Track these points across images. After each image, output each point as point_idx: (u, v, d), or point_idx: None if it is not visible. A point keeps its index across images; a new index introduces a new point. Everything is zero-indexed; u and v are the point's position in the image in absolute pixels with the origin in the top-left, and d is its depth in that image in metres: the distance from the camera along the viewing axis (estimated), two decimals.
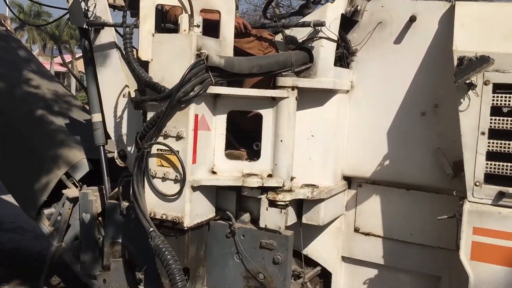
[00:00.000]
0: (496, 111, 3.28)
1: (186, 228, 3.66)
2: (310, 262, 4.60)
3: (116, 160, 4.49)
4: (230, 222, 3.95)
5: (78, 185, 5.42)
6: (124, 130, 4.45)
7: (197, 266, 3.89)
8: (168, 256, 3.38)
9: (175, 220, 3.65)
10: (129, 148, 4.38)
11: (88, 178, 5.41)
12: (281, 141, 3.77)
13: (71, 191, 5.32)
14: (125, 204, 4.28)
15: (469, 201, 3.37)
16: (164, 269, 3.41)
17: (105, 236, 4.54)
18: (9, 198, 6.85)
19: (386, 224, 4.31)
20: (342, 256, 4.56)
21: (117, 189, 4.44)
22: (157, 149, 3.72)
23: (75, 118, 5.89)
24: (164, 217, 3.70)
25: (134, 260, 4.27)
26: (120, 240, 4.36)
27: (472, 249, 3.33)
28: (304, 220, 4.13)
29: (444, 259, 4.07)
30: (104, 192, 4.73)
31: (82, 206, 5.04)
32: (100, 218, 4.93)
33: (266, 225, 3.85)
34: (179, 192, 3.64)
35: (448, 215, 3.59)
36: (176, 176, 3.64)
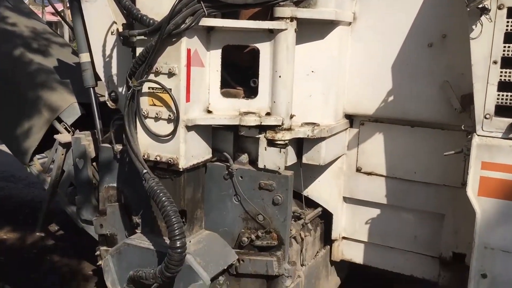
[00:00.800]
0: (510, 37, 3.04)
1: (181, 170, 3.51)
2: (311, 203, 4.50)
3: (107, 102, 4.29)
4: (228, 164, 3.80)
5: (70, 130, 5.25)
6: (114, 70, 4.21)
7: (195, 208, 3.77)
8: (163, 198, 3.24)
9: (170, 162, 3.50)
10: (120, 89, 4.16)
11: (80, 123, 5.25)
12: (280, 76, 3.55)
13: (63, 136, 5.16)
14: (118, 147, 4.12)
15: (478, 135, 3.19)
16: (159, 212, 3.28)
17: (99, 181, 4.40)
18: (1, 147, 6.71)
19: (389, 163, 4.17)
20: (343, 197, 4.45)
21: (109, 132, 4.26)
22: (149, 88, 3.51)
23: (64, 60, 5.63)
24: (158, 158, 3.54)
25: (130, 204, 4.16)
26: (115, 185, 4.23)
27: (480, 184, 3.19)
28: (304, 160, 3.98)
29: (448, 197, 3.96)
30: (97, 136, 4.55)
31: (75, 151, 4.88)
32: (94, 163, 4.78)
33: (265, 166, 3.71)
34: (173, 132, 3.46)
35: (455, 151, 3.43)
36: (169, 115, 3.45)
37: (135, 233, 3.94)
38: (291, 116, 3.68)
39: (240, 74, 3.99)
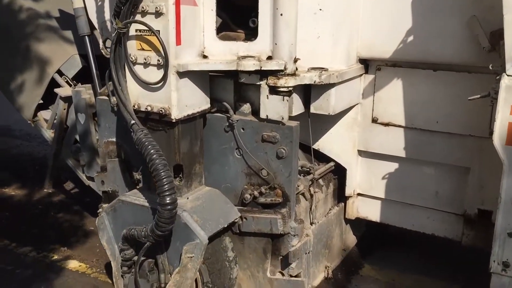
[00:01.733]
0: None
1: (174, 121, 3.21)
2: (322, 158, 4.17)
3: (102, 51, 4.00)
4: (228, 114, 3.48)
5: (72, 83, 5.01)
6: (107, 15, 3.89)
7: (192, 163, 3.49)
8: (152, 151, 2.97)
9: (161, 112, 3.20)
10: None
11: (83, 76, 5.00)
12: (281, 15, 3.15)
13: (64, 90, 4.93)
14: (115, 100, 3.84)
15: (507, 75, 2.77)
16: (148, 165, 3.02)
17: (99, 136, 4.17)
18: None
19: (408, 112, 3.77)
20: (358, 150, 4.10)
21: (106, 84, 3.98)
22: (136, 30, 3.18)
23: (65, 9, 5.33)
24: (149, 109, 3.25)
25: (130, 159, 3.92)
26: (114, 139, 3.98)
27: (508, 132, 2.78)
28: (312, 110, 3.62)
29: (474, 148, 3.56)
30: (93, 88, 4.30)
31: (76, 105, 4.66)
32: (96, 118, 4.55)
33: (267, 116, 3.37)
34: (163, 79, 3.15)
35: (481, 95, 3.01)
36: (159, 60, 3.13)
37: None
38: (295, 60, 3.30)
39: (241, 15, 3.60)
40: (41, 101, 5.25)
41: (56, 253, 4.57)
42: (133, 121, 3.12)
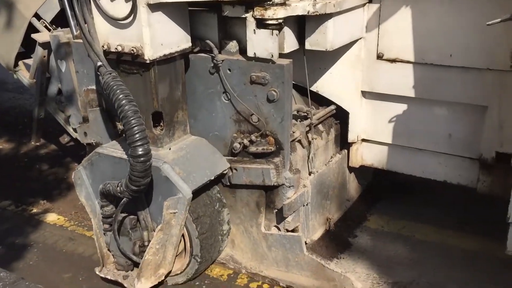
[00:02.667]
0: None
1: (148, 62, 2.83)
2: (323, 101, 3.78)
3: None
4: (212, 54, 3.08)
5: (50, 28, 4.62)
6: None
7: (173, 109, 3.13)
8: (120, 96, 2.62)
9: (133, 52, 2.82)
10: None
11: (63, 19, 4.58)
12: None
13: (42, 35, 4.54)
14: None
15: None
16: (117, 111, 2.66)
17: (78, 83, 3.82)
18: None
19: (418, 46, 3.32)
20: (361, 91, 3.68)
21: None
22: None
23: None
24: (120, 49, 2.87)
25: (111, 108, 3.56)
26: (94, 87, 3.62)
27: None
28: (307, 46, 3.20)
29: (493, 84, 3.12)
30: (70, 30, 3.89)
31: (55, 51, 4.26)
32: None
33: (255, 53, 2.97)
34: (132, 13, 2.74)
35: (501, 18, 2.55)
36: None
37: None
38: None
39: None
40: (22, 49, 4.88)
41: (36, 206, 4.38)
42: (99, 63, 2.75)
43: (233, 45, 3.13)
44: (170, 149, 3.09)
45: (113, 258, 3.31)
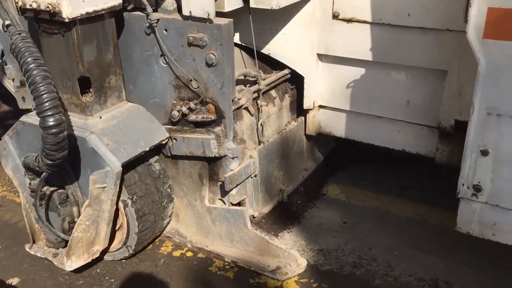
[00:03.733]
0: None
1: (68, 21, 2.53)
2: (276, 64, 3.52)
3: None
4: (146, 12, 2.79)
5: None
6: None
7: (104, 74, 2.86)
8: (29, 59, 2.34)
9: (49, 9, 2.51)
10: None
11: None
12: None
13: None
14: None
15: None
16: (24, 76, 2.39)
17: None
18: None
19: (375, 4, 3.05)
20: (317, 54, 3.42)
21: None
22: None
23: None
24: (35, 5, 2.56)
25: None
26: None
27: (487, 21, 2.11)
28: (252, 4, 2.93)
29: (453, 46, 2.88)
30: None
31: None
32: None
33: (190, 12, 2.69)
34: None
35: None
36: None
37: None
38: None
39: None
40: None
41: None
42: (8, 21, 2.45)
43: (170, 3, 2.84)
44: (100, 117, 2.84)
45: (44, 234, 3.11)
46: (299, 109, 3.70)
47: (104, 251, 3.04)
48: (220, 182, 3.04)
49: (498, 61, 2.15)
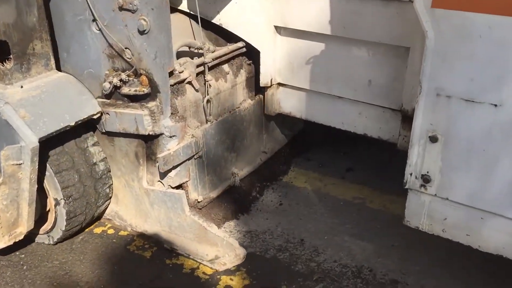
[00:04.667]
0: None
1: None
2: (231, 37, 3.23)
3: None
4: None
5: None
6: None
7: (26, 39, 2.58)
8: None
9: None
10: None
11: None
12: None
13: None
14: None
15: None
16: None
17: None
18: None
19: None
20: (274, 26, 3.14)
21: None
22: None
23: None
24: None
25: None
26: None
27: None
28: None
29: (415, 22, 2.57)
30: None
31: None
32: None
33: None
34: None
35: None
36: None
37: None
38: None
39: None
40: None
41: None
42: None
43: None
44: (22, 87, 2.58)
45: None
46: (258, 87, 3.43)
47: (29, 233, 2.81)
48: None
49: (448, 34, 1.87)
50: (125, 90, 2.64)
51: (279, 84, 3.35)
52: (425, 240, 2.77)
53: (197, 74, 2.92)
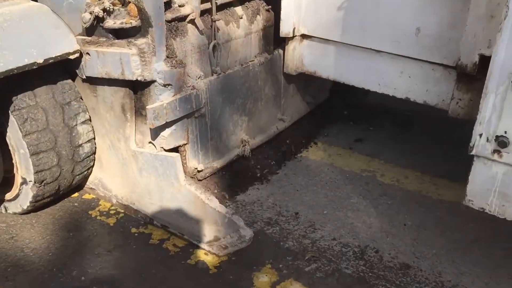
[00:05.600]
0: None
1: None
2: None
3: None
4: None
5: None
6: None
7: None
8: None
9: None
10: None
11: None
12: None
13: None
14: None
15: None
16: None
17: None
18: None
19: None
20: None
21: None
22: None
23: None
24: None
25: None
26: None
27: None
28: None
29: None
30: None
31: None
32: None
33: None
34: None
35: None
36: None
37: None
38: None
39: None
40: None
41: None
42: None
43: None
44: None
45: None
46: (277, 41, 2.86)
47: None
48: None
49: None
50: (109, 23, 2.10)
51: (303, 37, 2.77)
52: (443, 221, 2.42)
53: (203, 13, 2.37)
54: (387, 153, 3.00)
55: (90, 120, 2.40)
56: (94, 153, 2.47)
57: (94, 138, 2.45)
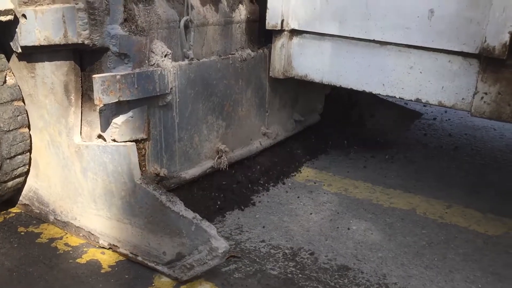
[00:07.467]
0: None
1: None
2: None
3: None
4: None
5: None
6: None
7: None
8: None
9: None
10: None
11: None
12: None
13: None
14: None
15: None
16: None
17: None
18: None
19: None
20: None
21: None
22: None
23: None
24: None
25: None
26: None
27: None
28: None
29: None
30: None
31: None
32: None
33: None
34: None
35: None
36: None
37: None
38: None
39: None
40: None
41: None
42: None
43: None
44: None
45: None
46: (263, 39, 2.45)
47: None
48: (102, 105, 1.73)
49: None
50: None
51: (293, 33, 2.36)
52: (394, 226, 2.15)
53: None
54: (338, 168, 2.72)
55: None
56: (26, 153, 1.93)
57: (30, 136, 1.93)
